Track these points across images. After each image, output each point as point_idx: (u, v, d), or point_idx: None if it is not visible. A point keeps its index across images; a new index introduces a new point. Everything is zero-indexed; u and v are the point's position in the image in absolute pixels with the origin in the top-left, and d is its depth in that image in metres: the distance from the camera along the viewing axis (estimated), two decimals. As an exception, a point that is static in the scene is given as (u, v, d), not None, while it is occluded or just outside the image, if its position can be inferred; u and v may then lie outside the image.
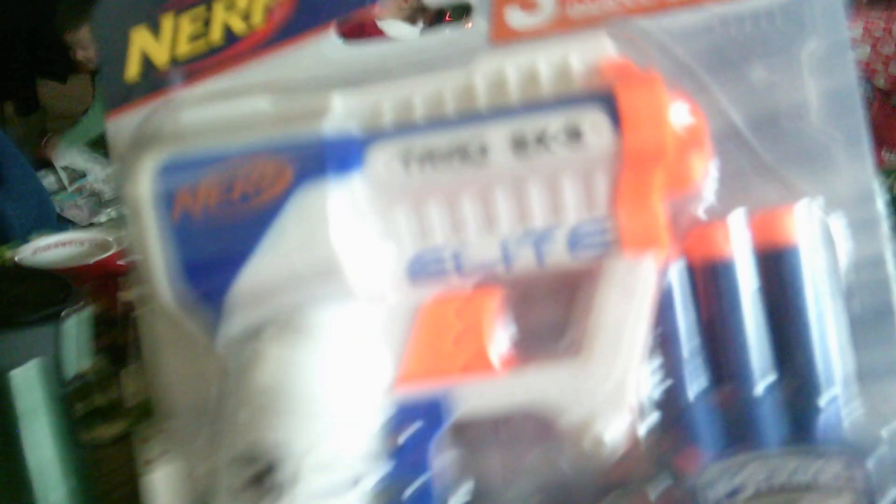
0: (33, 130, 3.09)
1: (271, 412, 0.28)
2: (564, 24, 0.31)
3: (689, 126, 0.29)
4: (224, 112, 0.30)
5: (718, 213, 0.31)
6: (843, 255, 0.31)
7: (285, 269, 0.28)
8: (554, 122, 0.27)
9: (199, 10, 0.32)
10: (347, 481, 0.28)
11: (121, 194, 0.29)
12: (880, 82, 3.41)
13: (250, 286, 0.28)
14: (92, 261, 1.36)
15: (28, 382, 0.90)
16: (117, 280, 1.27)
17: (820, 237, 0.30)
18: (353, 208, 0.28)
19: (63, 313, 0.89)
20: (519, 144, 0.28)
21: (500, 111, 0.28)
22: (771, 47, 0.31)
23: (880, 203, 0.31)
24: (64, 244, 1.32)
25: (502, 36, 0.32)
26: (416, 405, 0.29)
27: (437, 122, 0.28)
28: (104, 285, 1.35)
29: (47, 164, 2.39)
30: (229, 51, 0.32)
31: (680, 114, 0.28)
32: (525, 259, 0.29)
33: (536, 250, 0.29)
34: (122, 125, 0.32)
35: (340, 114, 0.29)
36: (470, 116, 0.28)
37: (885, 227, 0.31)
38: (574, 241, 0.29)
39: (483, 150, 0.28)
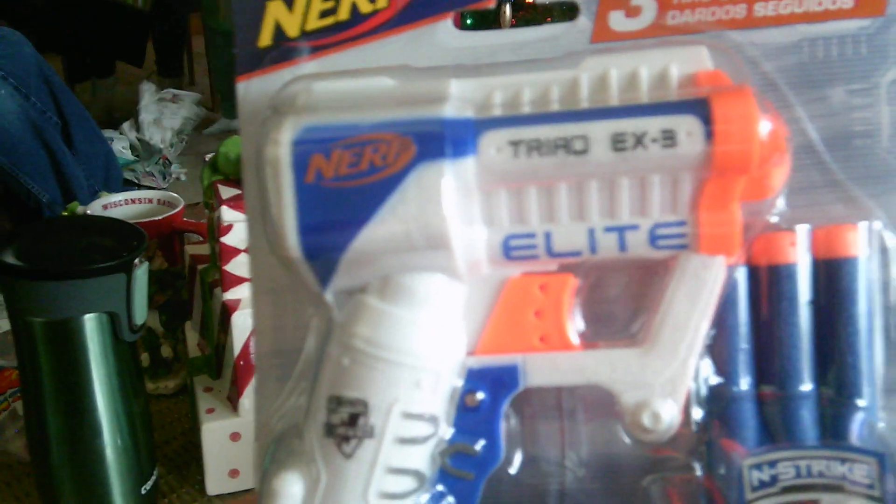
0: (101, 95, 3.15)
1: (369, 359, 0.31)
2: (662, 31, 0.34)
3: (774, 140, 0.31)
4: (354, 87, 0.34)
5: (789, 221, 0.34)
6: (896, 273, 0.33)
7: (399, 236, 0.31)
8: (653, 125, 0.30)
9: (332, -12, 0.35)
10: (428, 431, 0.32)
11: (260, 155, 0.32)
12: None
13: (366, 247, 0.31)
14: (159, 217, 1.43)
15: (100, 328, 0.96)
16: (183, 236, 1.33)
17: (878, 255, 0.33)
18: (463, 187, 0.31)
19: (135, 262, 0.94)
20: (619, 142, 0.30)
21: (603, 110, 0.31)
22: (853, 72, 0.33)
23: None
24: (132, 201, 1.38)
25: (604, 37, 0.35)
26: (493, 370, 0.33)
27: (545, 114, 0.31)
28: (169, 241, 1.41)
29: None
30: (354, 29, 0.35)
31: (767, 128, 0.31)
32: (609, 247, 0.32)
33: (620, 241, 0.32)
34: (251, 88, 0.36)
35: (458, 99, 0.32)
36: (575, 112, 0.31)
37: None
38: (655, 237, 0.32)
39: (585, 144, 0.31)
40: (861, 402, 0.32)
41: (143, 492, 1.04)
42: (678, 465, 0.33)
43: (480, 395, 0.33)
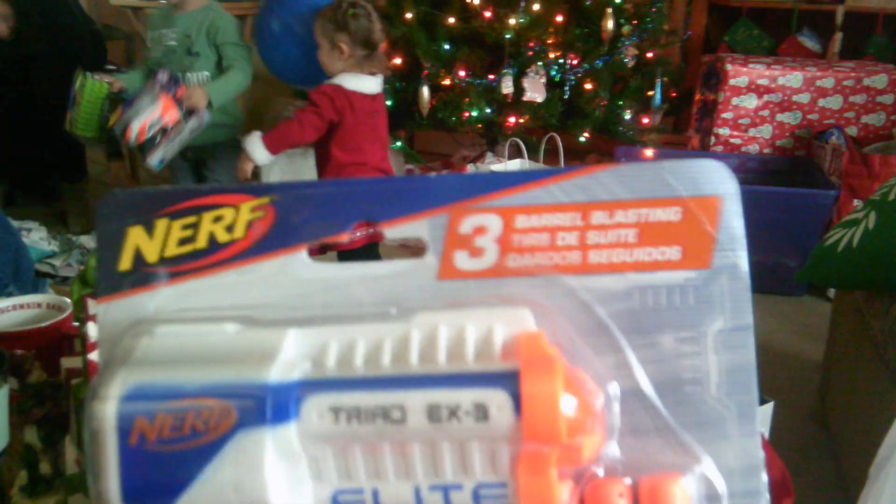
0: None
1: None
2: (503, 272, 0.36)
3: (583, 413, 0.32)
4: (195, 335, 0.35)
5: (623, 466, 0.34)
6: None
7: (220, 501, 0.32)
8: (466, 398, 0.32)
9: (191, 219, 0.37)
10: None
11: (87, 410, 0.33)
12: (853, 131, 3.38)
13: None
14: (46, 324, 1.42)
15: None
16: (71, 341, 1.32)
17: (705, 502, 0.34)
18: (287, 450, 0.32)
19: None
20: (434, 413, 0.32)
21: (422, 378, 0.32)
22: (682, 320, 0.35)
23: (764, 476, 0.34)
24: (20, 307, 1.38)
25: (449, 275, 0.36)
26: None
27: (367, 380, 0.33)
28: (57, 348, 1.40)
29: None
30: (211, 257, 0.37)
31: (572, 404, 0.32)
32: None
33: (445, 498, 0.33)
34: (110, 310, 0.37)
35: (290, 355, 0.34)
36: (395, 380, 0.32)
37: (764, 500, 0.34)
38: (478, 496, 0.33)
39: (403, 414, 0.32)
40: None
41: None
42: None
43: None
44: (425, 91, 3.43)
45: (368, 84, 2.35)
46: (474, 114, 3.40)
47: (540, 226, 0.35)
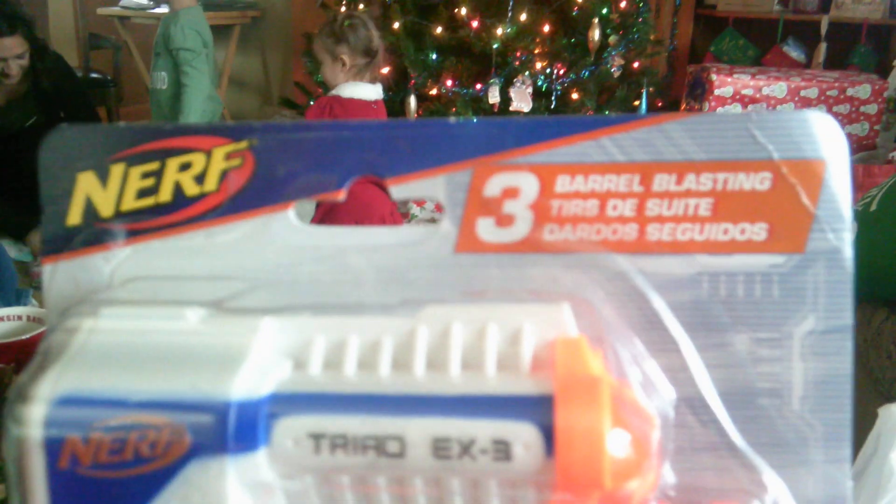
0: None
1: None
2: (536, 247, 0.28)
3: (636, 450, 0.25)
4: (148, 322, 0.27)
5: (678, 490, 0.27)
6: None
7: None
8: (483, 432, 0.24)
9: (152, 165, 0.30)
10: None
11: (11, 415, 0.25)
12: (850, 132, 3.37)
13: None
14: (26, 336, 1.36)
15: None
16: None
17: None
18: (255, 482, 0.25)
19: None
20: (441, 448, 0.24)
21: (427, 400, 0.25)
22: (763, 317, 0.28)
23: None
24: (1, 319, 1.32)
25: (470, 248, 0.29)
26: None
27: (357, 398, 0.25)
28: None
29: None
30: (177, 214, 0.30)
31: (622, 442, 0.24)
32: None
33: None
34: (58, 272, 0.30)
35: (262, 357, 0.26)
36: (393, 400, 0.25)
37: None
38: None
39: (401, 447, 0.24)
40: None
41: None
42: None
43: None
44: (412, 101, 3.39)
45: (367, 91, 2.33)
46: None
47: (587, 190, 0.28)
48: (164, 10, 2.90)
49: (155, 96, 2.90)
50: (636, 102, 3.56)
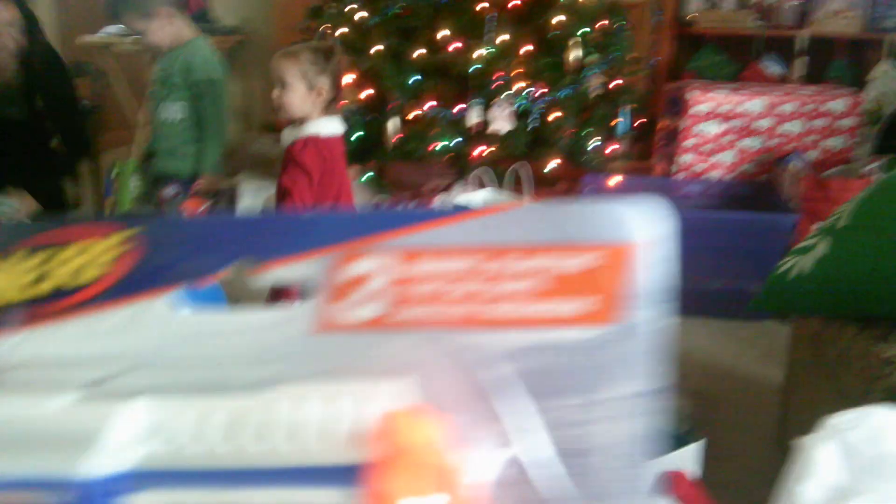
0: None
1: None
2: (388, 325, 0.32)
3: None
4: (21, 409, 0.31)
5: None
6: None
7: None
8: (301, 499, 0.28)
9: (44, 255, 0.33)
10: None
11: None
12: (813, 156, 3.41)
13: None
14: None
15: None
16: None
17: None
18: None
19: None
20: None
21: (258, 473, 0.28)
22: (582, 384, 0.31)
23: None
24: None
25: (327, 328, 0.32)
26: None
27: (207, 472, 0.28)
28: None
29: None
30: (67, 299, 0.33)
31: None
32: None
33: None
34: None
35: (122, 436, 0.29)
36: (231, 473, 0.28)
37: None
38: None
39: None
40: None
41: None
42: None
43: None
44: (392, 123, 3.40)
45: (340, 125, 2.26)
46: (442, 145, 3.37)
47: (430, 273, 0.31)
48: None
49: (165, 128, 2.83)
50: (616, 121, 3.59)
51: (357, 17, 3.54)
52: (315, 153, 2.15)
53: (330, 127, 2.22)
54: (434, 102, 3.50)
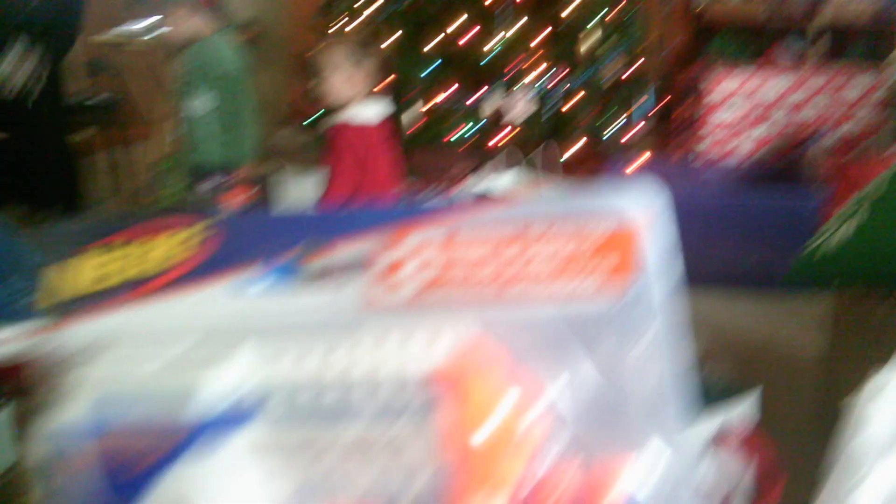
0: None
1: None
2: (422, 305, 0.36)
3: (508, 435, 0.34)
4: (147, 353, 0.37)
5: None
6: None
7: None
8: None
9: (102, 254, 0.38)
10: None
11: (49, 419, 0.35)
12: (832, 138, 3.39)
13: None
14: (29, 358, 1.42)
15: None
16: None
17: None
18: (248, 455, 0.35)
19: None
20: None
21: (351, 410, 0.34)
22: (600, 347, 0.35)
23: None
24: (6, 341, 1.39)
25: (372, 308, 0.36)
26: None
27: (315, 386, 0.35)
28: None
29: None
30: (149, 284, 0.38)
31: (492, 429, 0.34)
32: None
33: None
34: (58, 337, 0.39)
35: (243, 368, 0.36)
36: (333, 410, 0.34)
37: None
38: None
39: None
40: None
41: None
42: None
43: None
44: (412, 111, 3.44)
45: (377, 110, 2.31)
46: (461, 132, 3.42)
47: (460, 256, 0.36)
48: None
49: (193, 122, 2.86)
50: (633, 107, 3.61)
51: (369, 10, 3.56)
52: (346, 139, 2.22)
53: (366, 113, 2.28)
54: (450, 91, 3.52)
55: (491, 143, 3.55)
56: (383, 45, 3.51)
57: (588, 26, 3.51)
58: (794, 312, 2.76)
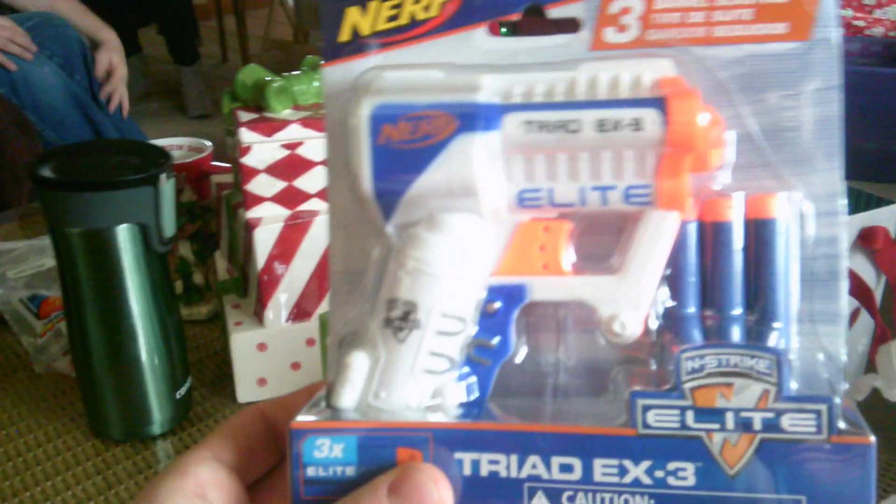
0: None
1: (418, 273, 0.44)
2: (643, 44, 0.46)
3: (714, 127, 0.43)
4: (413, 77, 0.46)
5: (732, 190, 0.45)
6: (811, 231, 0.45)
7: (442, 186, 0.44)
8: (626, 115, 0.42)
9: (396, 0, 0.47)
10: (459, 328, 0.44)
11: (345, 124, 0.45)
12: None
13: (418, 193, 0.44)
14: (189, 160, 1.56)
15: (132, 238, 1.06)
16: (209, 177, 1.46)
17: (796, 217, 0.44)
18: (490, 152, 0.44)
19: (161, 177, 1.05)
20: (602, 125, 0.43)
21: (592, 102, 0.43)
22: (785, 81, 0.45)
23: (841, 201, 0.45)
24: (166, 147, 1.54)
25: (599, 47, 0.46)
26: (507, 287, 0.45)
27: (551, 103, 0.44)
28: (198, 182, 1.54)
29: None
30: (412, 31, 0.47)
31: (707, 118, 0.43)
32: (594, 202, 0.44)
33: (602, 198, 0.44)
34: (333, 73, 0.48)
35: (488, 89, 0.44)
36: (572, 103, 0.43)
37: (843, 218, 0.45)
38: (628, 195, 0.44)
39: (578, 126, 0.43)
40: (777, 325, 0.44)
41: (178, 397, 1.14)
42: (639, 361, 0.45)
43: (497, 305, 0.45)
44: None
45: None
46: None
47: (673, 6, 0.45)
48: None
49: None
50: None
51: None
52: None
53: None
54: None
55: None
56: None
57: None
58: None
